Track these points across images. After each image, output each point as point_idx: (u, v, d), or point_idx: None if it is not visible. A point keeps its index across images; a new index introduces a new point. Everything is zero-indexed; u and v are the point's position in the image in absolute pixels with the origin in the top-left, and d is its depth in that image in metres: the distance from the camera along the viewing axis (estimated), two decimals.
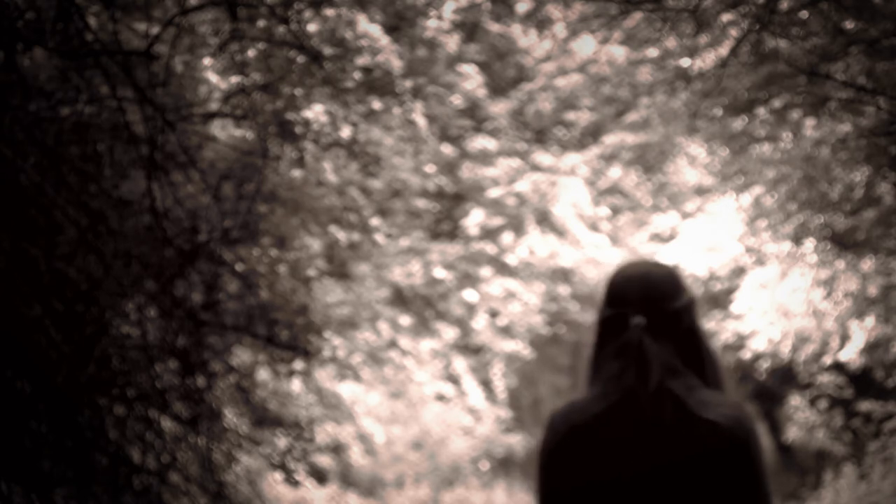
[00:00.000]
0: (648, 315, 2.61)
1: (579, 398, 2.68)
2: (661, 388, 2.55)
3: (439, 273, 15.70)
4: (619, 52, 14.47)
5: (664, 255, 15.73)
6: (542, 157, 16.49)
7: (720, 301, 15.61)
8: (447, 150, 15.95)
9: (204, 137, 8.38)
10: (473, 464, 14.73)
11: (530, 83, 16.79)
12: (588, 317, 15.16)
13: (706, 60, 9.42)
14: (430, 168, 15.62)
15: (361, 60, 11.76)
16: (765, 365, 14.16)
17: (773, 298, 13.32)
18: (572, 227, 16.23)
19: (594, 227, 16.54)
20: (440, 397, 15.15)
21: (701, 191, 15.67)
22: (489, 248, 16.07)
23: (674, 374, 2.59)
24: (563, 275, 16.42)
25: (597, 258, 16.24)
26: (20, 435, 5.74)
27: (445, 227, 16.61)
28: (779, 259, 13.25)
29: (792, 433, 13.34)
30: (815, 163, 11.12)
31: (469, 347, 16.00)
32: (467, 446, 14.70)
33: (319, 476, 12.99)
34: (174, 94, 7.77)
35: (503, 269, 16.15)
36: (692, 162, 15.57)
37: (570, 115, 16.86)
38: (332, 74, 10.65)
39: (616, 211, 17.08)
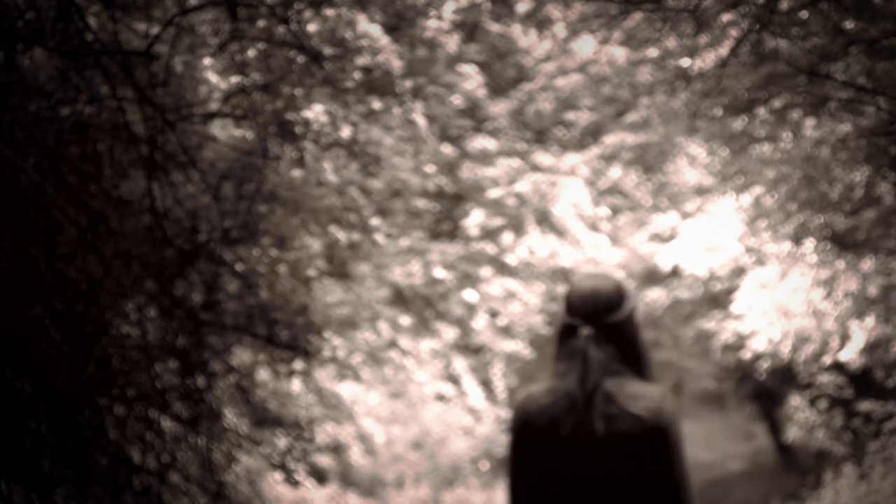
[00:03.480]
0: (595, 325, 3.29)
1: (538, 387, 3.33)
2: (597, 387, 3.20)
3: (439, 273, 15.69)
4: (619, 52, 14.47)
5: (664, 255, 15.74)
6: (542, 157, 16.48)
7: (720, 301, 15.61)
8: (447, 150, 15.94)
9: (204, 137, 8.38)
10: (473, 464, 14.72)
11: (530, 83, 16.78)
12: None
13: (706, 60, 9.41)
14: (430, 168, 15.62)
15: (361, 60, 11.75)
16: (765, 365, 14.15)
17: (773, 298, 13.31)
18: (572, 227, 16.22)
19: (594, 227, 16.53)
20: (440, 397, 15.15)
21: (701, 191, 15.67)
22: (489, 248, 16.06)
23: (611, 374, 3.25)
24: (563, 275, 16.41)
25: (597, 258, 16.23)
26: (20, 435, 5.74)
27: (445, 227, 16.61)
28: (779, 259, 13.24)
29: (792, 433, 13.33)
30: (815, 163, 11.11)
31: (469, 347, 16.00)
32: (467, 446, 14.70)
33: (319, 476, 12.98)
34: (174, 94, 7.77)
35: (503, 269, 16.15)
36: (692, 162, 15.57)
37: (570, 115, 16.85)
38: (332, 74, 10.65)
39: (616, 211, 17.08)
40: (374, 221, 14.59)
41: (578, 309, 3.33)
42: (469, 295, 15.84)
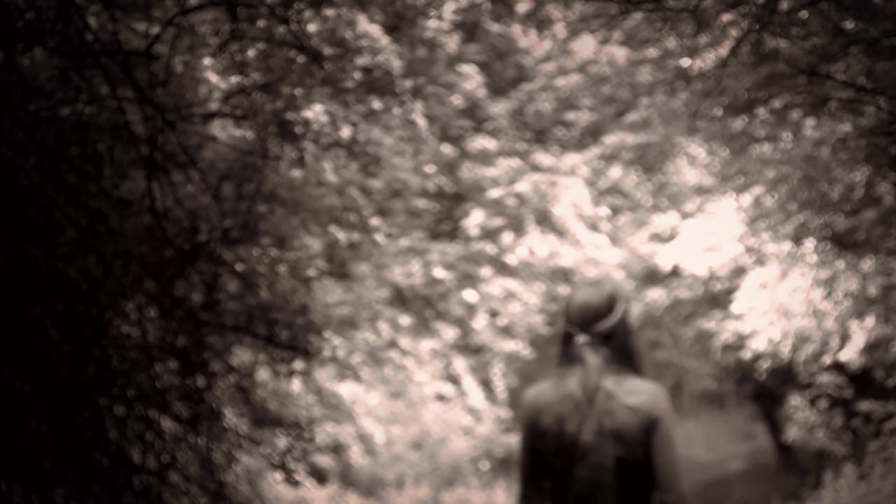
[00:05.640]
0: (589, 333, 3.79)
1: (544, 385, 3.84)
2: (597, 388, 3.72)
3: (439, 273, 15.69)
4: (619, 52, 14.47)
5: (664, 255, 15.74)
6: (542, 157, 16.48)
7: (720, 301, 15.61)
8: (447, 150, 15.94)
9: (204, 137, 8.38)
10: (473, 464, 14.72)
11: (530, 83, 16.78)
12: None
13: (706, 60, 9.42)
14: (430, 168, 15.62)
15: (361, 60, 11.76)
16: (765, 365, 14.15)
17: (773, 298, 13.31)
18: (572, 227, 16.22)
19: (594, 227, 16.53)
20: (440, 397, 15.15)
21: (701, 191, 15.67)
22: (489, 248, 16.06)
23: (609, 373, 3.75)
24: (563, 275, 16.41)
25: (597, 258, 16.23)
26: (20, 435, 5.74)
27: (445, 227, 16.61)
28: (779, 259, 13.24)
29: (792, 433, 13.33)
30: (815, 163, 11.12)
31: (469, 347, 16.00)
32: (467, 446, 14.69)
33: (319, 476, 12.99)
34: (174, 94, 7.77)
35: (503, 269, 16.15)
36: (692, 162, 15.58)
37: (570, 115, 16.86)
38: (332, 74, 10.65)
39: (616, 211, 17.08)
40: (374, 221, 14.59)
41: (574, 319, 3.84)
42: (469, 295, 15.84)
